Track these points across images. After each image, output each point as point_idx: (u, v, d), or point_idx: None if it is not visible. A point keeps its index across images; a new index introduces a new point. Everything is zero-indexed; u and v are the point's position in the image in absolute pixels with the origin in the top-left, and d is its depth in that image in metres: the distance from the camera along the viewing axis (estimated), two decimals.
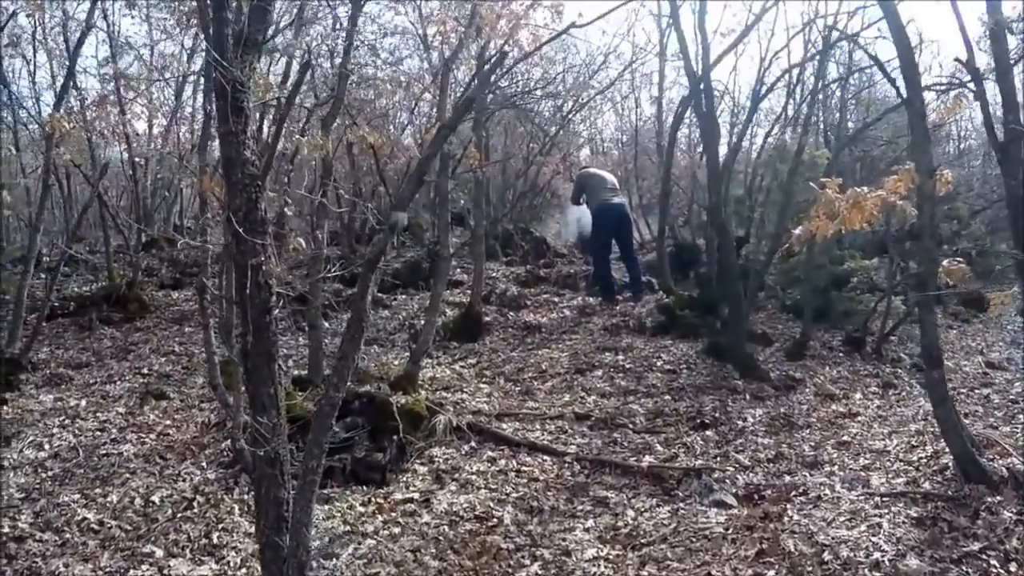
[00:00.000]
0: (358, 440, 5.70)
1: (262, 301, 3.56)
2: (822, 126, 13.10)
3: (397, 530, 4.89)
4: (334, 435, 5.95)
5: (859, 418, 6.96)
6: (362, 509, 5.16)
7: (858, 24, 10.22)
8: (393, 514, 5.09)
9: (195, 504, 5.26)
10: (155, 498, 5.34)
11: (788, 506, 5.07)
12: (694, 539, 4.76)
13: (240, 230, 3.43)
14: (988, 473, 5.07)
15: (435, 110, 10.82)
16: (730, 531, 4.79)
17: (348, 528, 4.87)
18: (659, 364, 8.20)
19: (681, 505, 5.25)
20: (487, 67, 3.35)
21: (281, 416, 3.60)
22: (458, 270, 11.80)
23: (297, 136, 5.78)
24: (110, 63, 11.48)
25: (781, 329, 9.96)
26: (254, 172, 3.51)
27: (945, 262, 5.33)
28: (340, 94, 5.87)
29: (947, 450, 5.50)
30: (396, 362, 8.04)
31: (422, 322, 9.17)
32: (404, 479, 5.64)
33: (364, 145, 8.35)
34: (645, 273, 11.48)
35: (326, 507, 5.09)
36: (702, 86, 8.46)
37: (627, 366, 8.15)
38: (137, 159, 12.22)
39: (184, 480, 5.64)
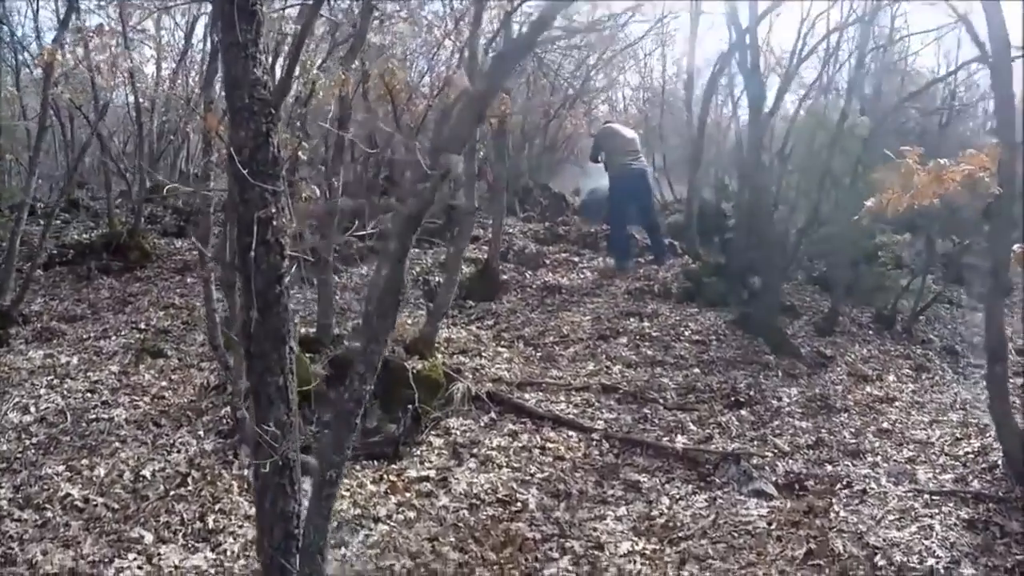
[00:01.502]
0: (369, 409, 5.25)
1: (271, 266, 2.90)
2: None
3: (412, 514, 4.45)
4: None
5: (896, 403, 6.63)
6: (373, 488, 4.72)
7: None
8: (408, 494, 4.66)
9: (190, 480, 4.78)
10: (146, 472, 4.86)
11: (833, 500, 4.73)
12: (736, 534, 4.38)
13: (244, 172, 2.78)
14: None
15: (454, 56, 10.31)
16: (774, 526, 4.43)
17: (358, 511, 4.43)
18: (687, 334, 7.77)
19: (719, 493, 4.85)
20: None
21: (292, 412, 3.01)
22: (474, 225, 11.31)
23: (316, 71, 5.25)
24: None
25: (808, 302, 9.57)
26: (265, 97, 2.83)
27: (1016, 247, 4.94)
28: (363, 31, 5.35)
29: (995, 446, 5.26)
30: (410, 321, 7.62)
31: (437, 278, 8.75)
32: (419, 453, 5.21)
33: (382, 89, 7.82)
34: (669, 236, 10.86)
35: None
36: (747, 39, 7.95)
37: (653, 334, 7.73)
38: (142, 101, 11.70)
39: (179, 451, 5.15)
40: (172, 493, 4.64)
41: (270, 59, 5.81)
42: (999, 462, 5.06)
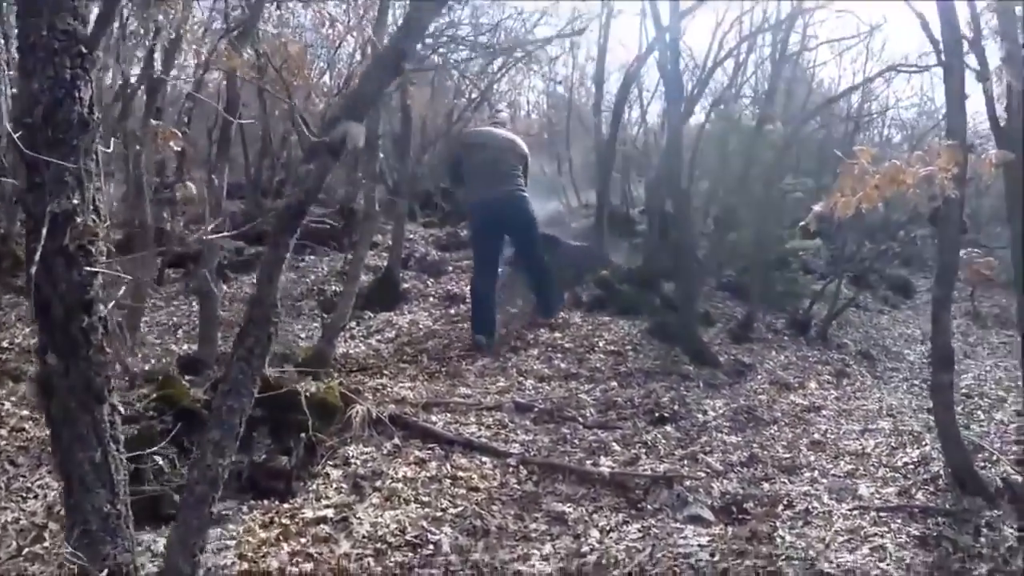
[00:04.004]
0: (257, 438, 4.59)
1: (73, 287, 2.09)
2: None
3: (309, 566, 3.74)
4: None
5: (823, 412, 6.38)
6: (263, 534, 4.01)
7: None
8: (303, 540, 3.97)
9: (47, 534, 3.91)
10: None
11: (777, 523, 4.32)
12: (677, 569, 3.88)
13: (24, 146, 1.93)
14: (985, 484, 4.57)
15: (357, 55, 9.73)
16: (717, 557, 3.95)
17: (246, 566, 3.70)
18: (601, 344, 7.37)
19: (652, 522, 4.35)
20: None
21: (120, 500, 2.20)
22: None
23: (191, 45, 4.56)
24: None
25: (721, 308, 9.33)
26: (73, 28, 2.01)
27: (963, 252, 4.71)
28: (256, 13, 4.68)
29: (934, 455, 5.05)
30: (304, 335, 6.98)
31: (334, 287, 8.12)
32: (314, 487, 4.54)
33: (278, 85, 7.15)
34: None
35: (218, 531, 3.95)
36: (667, 37, 7.58)
37: (566, 345, 7.29)
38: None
39: (36, 497, 4.30)
40: (27, 551, 3.80)
41: None
42: (941, 472, 4.82)
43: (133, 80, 7.29)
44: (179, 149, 3.57)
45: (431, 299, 8.58)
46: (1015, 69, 4.52)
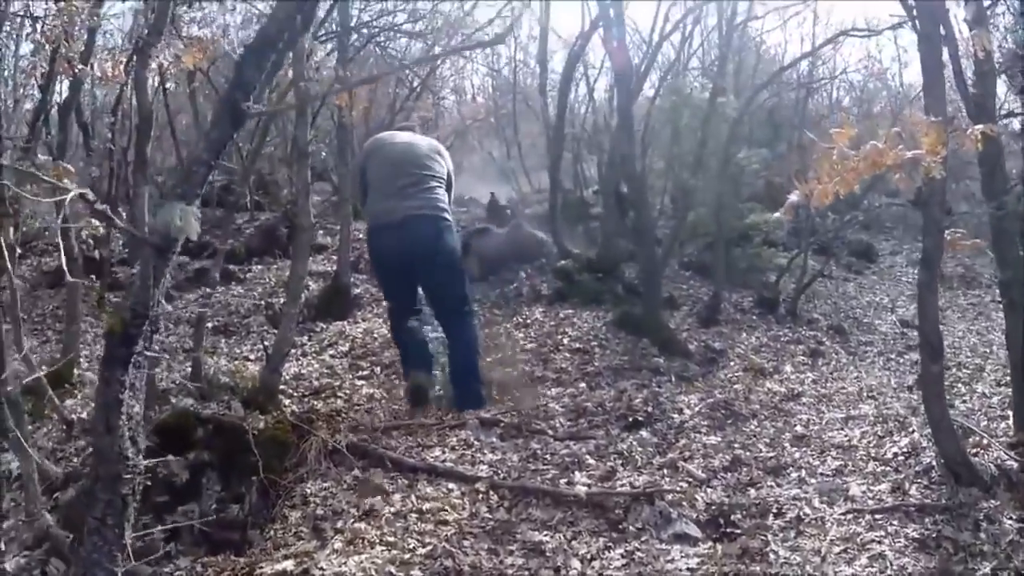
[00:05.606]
0: (207, 486, 4.19)
1: None
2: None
3: None
4: (176, 479, 4.41)
5: (802, 400, 6.15)
6: None
7: None
8: None
9: None
10: None
11: (768, 535, 4.02)
12: None
13: None
14: (979, 474, 4.32)
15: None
16: None
17: None
18: (566, 342, 7.04)
19: (636, 544, 4.02)
20: None
21: None
22: (320, 231, 10.20)
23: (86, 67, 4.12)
24: None
25: (686, 290, 9.09)
26: None
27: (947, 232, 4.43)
28: (162, 16, 4.23)
29: (923, 444, 4.81)
30: (252, 356, 6.56)
31: (282, 299, 7.70)
32: (272, 535, 4.13)
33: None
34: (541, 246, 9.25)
35: None
36: (612, 12, 7.25)
37: (529, 346, 6.95)
38: None
39: None
40: None
41: None
42: (934, 463, 4.56)
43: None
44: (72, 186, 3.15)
45: (385, 304, 8.14)
46: (984, 32, 4.26)
